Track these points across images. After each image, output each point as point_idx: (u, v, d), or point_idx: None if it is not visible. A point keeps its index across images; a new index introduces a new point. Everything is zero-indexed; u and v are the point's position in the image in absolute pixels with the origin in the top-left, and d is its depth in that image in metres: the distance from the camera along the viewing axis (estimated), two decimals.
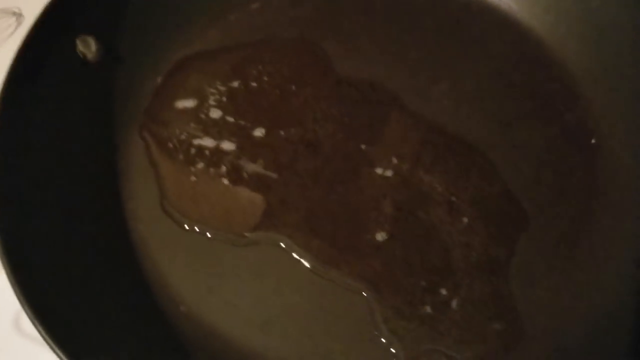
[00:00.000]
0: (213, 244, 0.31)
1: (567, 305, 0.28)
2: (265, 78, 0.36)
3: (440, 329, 0.28)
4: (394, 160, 0.33)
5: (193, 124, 0.34)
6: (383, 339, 0.28)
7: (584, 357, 0.26)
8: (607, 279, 0.29)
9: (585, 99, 0.34)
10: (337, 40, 0.37)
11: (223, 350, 0.27)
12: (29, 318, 0.24)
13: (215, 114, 0.34)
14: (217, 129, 0.34)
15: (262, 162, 0.33)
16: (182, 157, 0.33)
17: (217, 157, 0.33)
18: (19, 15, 0.44)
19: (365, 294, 0.29)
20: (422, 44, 0.36)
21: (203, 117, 0.34)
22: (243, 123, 0.34)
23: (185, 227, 0.31)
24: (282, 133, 0.34)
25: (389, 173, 0.32)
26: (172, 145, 0.33)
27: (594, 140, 0.33)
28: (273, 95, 0.35)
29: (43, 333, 0.23)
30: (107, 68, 0.34)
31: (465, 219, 0.31)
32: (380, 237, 0.30)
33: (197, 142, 0.34)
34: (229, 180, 0.32)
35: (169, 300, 0.29)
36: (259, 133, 0.34)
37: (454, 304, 0.29)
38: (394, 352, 0.27)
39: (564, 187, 0.32)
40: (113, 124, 0.33)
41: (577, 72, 0.35)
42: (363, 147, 0.33)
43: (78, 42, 0.32)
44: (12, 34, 0.44)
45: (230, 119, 0.34)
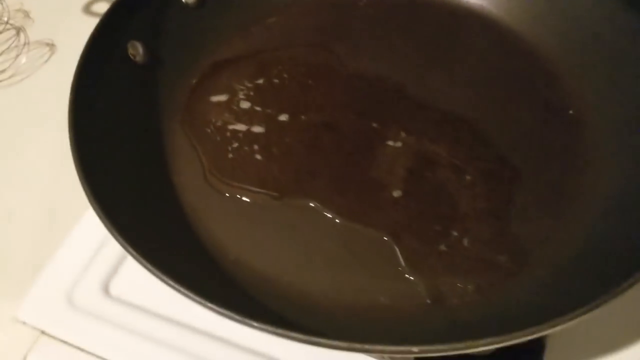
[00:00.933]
0: (252, 207, 0.35)
1: (560, 238, 0.33)
2: (285, 75, 0.42)
3: (455, 262, 0.32)
4: (402, 134, 0.38)
5: (226, 114, 0.40)
6: (405, 274, 0.32)
7: (578, 275, 0.31)
8: (592, 216, 0.34)
9: (563, 79, 0.40)
10: (345, 43, 0.43)
11: (267, 289, 0.31)
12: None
13: (245, 105, 0.40)
14: (247, 117, 0.39)
15: (287, 140, 0.38)
16: (219, 138, 0.38)
17: (249, 138, 0.38)
18: (52, 46, 0.51)
19: (387, 239, 0.33)
20: (416, 43, 0.43)
21: (235, 108, 0.40)
22: (269, 111, 0.40)
23: (227, 195, 0.36)
24: (303, 117, 0.39)
25: (399, 144, 0.38)
26: (209, 131, 0.39)
27: (572, 112, 0.39)
28: (293, 88, 0.41)
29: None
30: (152, 69, 0.39)
31: (468, 177, 0.36)
32: (396, 193, 0.35)
33: (231, 127, 0.39)
34: (261, 156, 0.37)
35: (219, 251, 0.33)
36: (284, 118, 0.39)
37: (465, 242, 0.33)
38: (415, 282, 0.32)
39: (550, 148, 0.37)
40: (159, 115, 0.39)
41: (551, 58, 0.41)
42: (375, 125, 0.39)
43: (129, 46, 0.38)
44: (46, 62, 0.50)
45: (258, 108, 0.40)
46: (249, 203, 0.35)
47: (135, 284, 0.35)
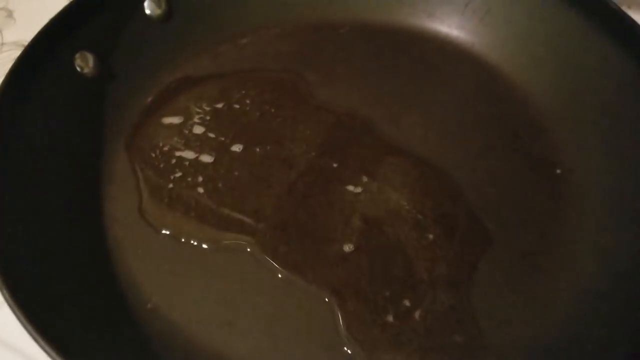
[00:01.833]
0: (183, 248, 0.31)
1: (526, 320, 0.29)
2: (248, 101, 0.38)
3: (402, 338, 0.28)
4: (364, 179, 0.34)
5: (176, 138, 0.36)
6: (344, 345, 0.28)
7: None
8: (564, 298, 0.29)
9: (550, 133, 0.36)
10: (319, 71, 0.39)
11: (186, 347, 0.27)
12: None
13: (198, 130, 0.36)
14: (198, 143, 0.36)
15: (237, 174, 0.34)
16: (162, 165, 0.35)
17: (195, 167, 0.35)
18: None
19: (328, 300, 0.29)
20: (396, 77, 0.39)
21: (186, 132, 0.36)
22: (223, 139, 0.36)
23: (159, 230, 0.32)
24: (258, 150, 0.35)
25: (359, 190, 0.34)
26: (154, 155, 0.35)
27: (559, 171, 0.35)
28: (253, 117, 0.37)
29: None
30: (101, 83, 0.36)
31: (431, 236, 0.32)
32: (347, 248, 0.31)
33: (178, 153, 0.35)
34: (204, 190, 0.34)
35: (137, 298, 0.29)
36: (237, 148, 0.35)
37: (417, 315, 0.29)
38: (353, 356, 0.28)
39: (527, 210, 0.33)
40: (101, 133, 0.35)
41: (542, 108, 0.37)
42: (335, 165, 0.35)
43: (77, 56, 0.35)
44: None
45: (212, 135, 0.36)
46: (182, 243, 0.32)
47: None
